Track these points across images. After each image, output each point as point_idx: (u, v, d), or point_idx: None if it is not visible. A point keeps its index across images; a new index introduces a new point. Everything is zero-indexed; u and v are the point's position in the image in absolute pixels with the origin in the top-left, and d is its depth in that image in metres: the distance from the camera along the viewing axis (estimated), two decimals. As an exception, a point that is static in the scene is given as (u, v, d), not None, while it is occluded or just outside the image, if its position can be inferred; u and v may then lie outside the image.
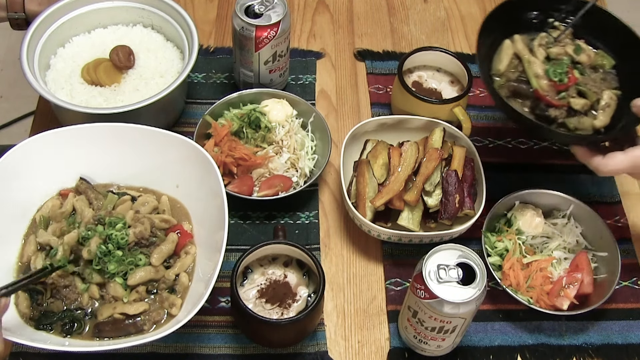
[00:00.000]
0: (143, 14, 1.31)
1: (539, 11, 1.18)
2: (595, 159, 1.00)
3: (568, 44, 1.14)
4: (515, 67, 1.13)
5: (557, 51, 1.13)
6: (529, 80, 1.10)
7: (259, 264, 1.05)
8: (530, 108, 1.10)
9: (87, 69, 1.24)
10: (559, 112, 1.08)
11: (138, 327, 0.98)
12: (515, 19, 1.17)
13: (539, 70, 1.10)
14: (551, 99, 1.08)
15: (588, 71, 1.13)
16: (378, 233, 1.11)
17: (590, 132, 1.08)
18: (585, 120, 1.08)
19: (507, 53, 1.14)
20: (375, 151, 1.17)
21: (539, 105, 1.09)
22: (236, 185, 1.15)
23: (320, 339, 1.07)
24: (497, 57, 1.15)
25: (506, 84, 1.12)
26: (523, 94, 1.10)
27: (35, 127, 1.29)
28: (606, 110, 1.09)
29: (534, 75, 1.10)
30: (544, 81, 1.09)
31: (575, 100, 1.08)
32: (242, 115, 1.22)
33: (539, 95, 1.08)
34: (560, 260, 1.12)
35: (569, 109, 1.08)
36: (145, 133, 1.08)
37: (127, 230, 1.02)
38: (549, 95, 1.08)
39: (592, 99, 1.09)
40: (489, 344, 1.08)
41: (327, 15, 1.52)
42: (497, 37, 1.16)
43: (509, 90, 1.11)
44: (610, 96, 1.09)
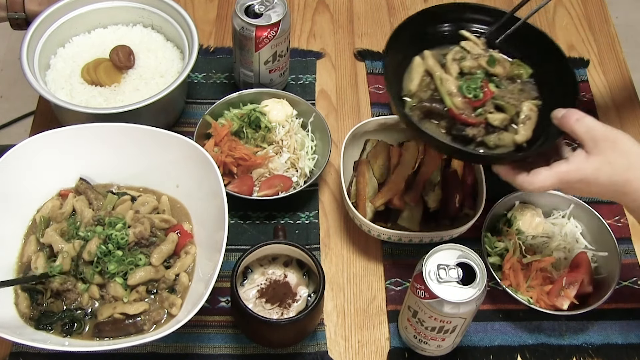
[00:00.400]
0: (143, 14, 1.31)
1: (449, 23, 1.09)
2: (519, 177, 0.93)
3: (482, 55, 1.05)
4: (427, 86, 1.04)
5: (470, 65, 1.04)
6: (443, 99, 1.01)
7: (259, 263, 1.05)
8: (446, 129, 1.00)
9: (87, 69, 1.24)
10: (476, 131, 0.99)
11: (138, 327, 0.98)
12: (424, 33, 1.08)
13: (453, 88, 1.01)
14: (467, 117, 0.99)
15: (505, 83, 1.05)
16: (378, 233, 1.11)
17: (511, 147, 1.00)
18: (505, 136, 0.99)
19: (417, 71, 1.05)
20: (375, 151, 1.17)
21: (455, 125, 0.99)
22: (236, 185, 1.15)
23: (320, 339, 1.07)
24: (408, 76, 1.06)
25: (419, 105, 1.02)
26: (437, 114, 1.01)
27: (35, 127, 1.29)
28: (527, 123, 1.00)
29: (447, 93, 1.01)
30: (459, 99, 1.00)
31: (493, 116, 0.99)
32: (242, 115, 1.22)
33: (453, 114, 0.99)
34: (560, 260, 1.12)
35: (487, 125, 1.00)
36: (145, 133, 1.08)
37: (127, 230, 1.02)
38: (465, 113, 0.99)
39: (511, 112, 1.01)
40: (489, 344, 1.08)
41: (327, 15, 1.52)
42: (407, 55, 1.07)
43: (422, 111, 1.01)
44: (530, 107, 1.01)
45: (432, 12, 1.08)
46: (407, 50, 1.07)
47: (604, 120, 1.35)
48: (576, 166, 0.89)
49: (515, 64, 1.06)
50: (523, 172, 0.92)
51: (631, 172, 0.88)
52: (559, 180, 0.90)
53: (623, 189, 0.89)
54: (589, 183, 0.89)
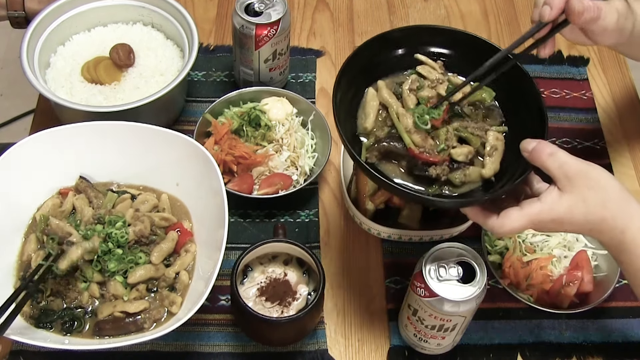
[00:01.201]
0: (143, 12, 1.31)
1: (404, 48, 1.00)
2: (490, 220, 0.85)
3: (440, 81, 0.96)
4: (384, 122, 0.95)
5: (428, 94, 0.94)
6: (401, 137, 0.92)
7: (259, 262, 1.05)
8: (406, 169, 0.92)
9: (87, 67, 1.24)
10: (440, 170, 0.90)
11: (138, 325, 0.98)
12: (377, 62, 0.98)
13: (411, 123, 0.92)
14: (428, 156, 0.90)
15: (467, 110, 0.96)
16: (378, 231, 1.11)
17: (479, 182, 0.92)
18: (471, 170, 0.91)
19: (371, 105, 0.95)
20: (375, 149, 1.17)
21: (416, 165, 0.91)
22: (236, 184, 1.15)
23: (320, 338, 1.07)
24: (362, 111, 0.96)
25: (376, 146, 0.92)
26: (397, 153, 0.92)
27: (35, 125, 1.29)
28: (494, 154, 0.92)
29: (406, 129, 0.92)
30: (418, 135, 0.91)
31: (457, 151, 0.91)
32: (242, 113, 1.22)
33: (413, 153, 0.90)
34: (560, 259, 1.12)
35: (451, 161, 0.91)
36: (145, 131, 1.08)
37: (127, 229, 1.02)
38: (426, 151, 0.90)
39: (476, 143, 0.92)
40: (489, 343, 1.08)
41: (327, 13, 1.52)
42: (360, 87, 0.97)
43: (380, 152, 0.92)
44: (496, 137, 0.92)
45: (385, 38, 0.99)
46: (359, 81, 0.97)
47: (605, 119, 1.36)
48: (549, 206, 0.82)
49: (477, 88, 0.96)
50: (493, 215, 0.85)
51: (607, 210, 0.82)
52: (530, 221, 0.83)
53: (599, 227, 0.83)
54: (562, 222, 0.83)
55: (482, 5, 1.56)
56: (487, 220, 0.85)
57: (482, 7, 1.56)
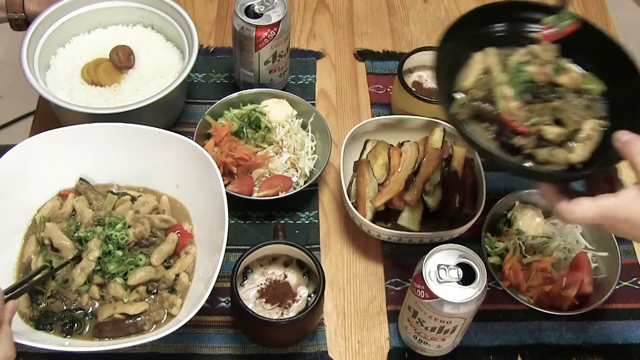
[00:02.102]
0: (143, 14, 1.31)
1: (504, 22, 1.00)
2: (561, 203, 0.83)
3: (549, 62, 0.95)
4: (484, 85, 0.95)
5: (535, 70, 0.93)
6: (496, 102, 0.91)
7: (259, 264, 1.05)
8: (495, 133, 0.92)
9: (87, 69, 1.24)
10: (526, 141, 0.89)
11: (138, 327, 0.98)
12: (478, 33, 0.99)
13: (509, 91, 0.92)
14: (518, 125, 0.89)
15: (570, 96, 0.93)
16: (378, 233, 1.11)
17: (563, 166, 0.89)
18: (558, 152, 0.89)
19: (475, 68, 0.97)
20: (375, 151, 1.17)
21: (504, 131, 0.90)
22: (236, 185, 1.15)
23: (320, 339, 1.07)
24: (463, 72, 0.97)
25: (469, 104, 0.93)
26: (487, 116, 0.92)
27: (35, 127, 1.29)
28: (586, 143, 0.89)
29: (502, 95, 0.91)
30: (514, 103, 0.91)
31: (549, 129, 0.89)
32: (242, 115, 1.22)
33: (503, 119, 0.90)
34: (560, 261, 1.12)
35: (539, 137, 0.90)
36: (145, 133, 1.08)
37: (127, 231, 1.02)
38: (517, 120, 0.90)
39: (571, 127, 0.90)
40: (489, 344, 1.08)
41: (327, 15, 1.52)
42: (461, 52, 0.98)
43: (472, 111, 0.93)
44: (592, 127, 0.90)
45: (487, 10, 0.98)
46: (463, 46, 0.98)
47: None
48: (624, 203, 0.78)
49: (587, 78, 0.95)
50: (565, 199, 0.83)
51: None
52: (602, 214, 0.80)
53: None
54: (633, 226, 0.79)
55: (482, 7, 1.56)
56: (559, 203, 0.83)
57: (482, 8, 1.56)
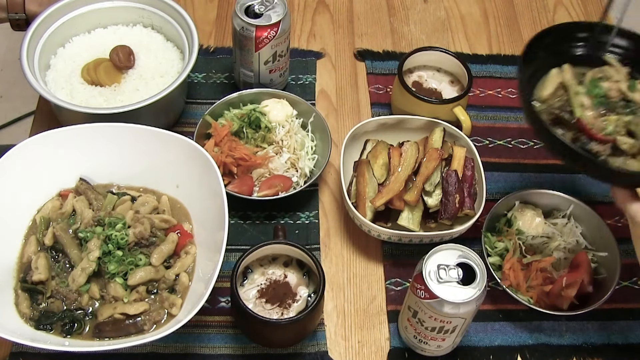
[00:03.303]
0: (143, 14, 1.31)
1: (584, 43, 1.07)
2: (635, 205, 0.90)
3: (622, 81, 1.03)
4: (560, 97, 1.03)
5: (608, 86, 1.02)
6: (573, 110, 1.00)
7: (259, 264, 1.05)
8: (571, 140, 0.99)
9: (87, 69, 1.24)
10: (602, 148, 0.97)
11: (138, 327, 0.98)
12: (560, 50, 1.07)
13: (585, 101, 1.00)
14: (595, 132, 0.97)
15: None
16: (378, 233, 1.11)
17: None
18: (632, 163, 0.96)
19: (552, 81, 1.05)
20: (375, 151, 1.17)
21: (580, 138, 0.98)
22: (236, 185, 1.15)
23: (320, 339, 1.07)
24: (541, 84, 1.06)
25: (547, 110, 1.02)
26: (564, 123, 1.00)
27: (35, 127, 1.29)
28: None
29: (579, 104, 1.00)
30: (590, 113, 0.99)
31: (623, 139, 0.97)
32: (242, 115, 1.22)
33: (581, 125, 0.97)
34: (560, 261, 1.12)
35: (613, 146, 0.97)
36: (145, 133, 1.08)
37: (127, 231, 1.02)
38: (594, 128, 0.97)
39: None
40: (489, 344, 1.08)
41: (327, 15, 1.52)
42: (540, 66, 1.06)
43: (550, 117, 1.01)
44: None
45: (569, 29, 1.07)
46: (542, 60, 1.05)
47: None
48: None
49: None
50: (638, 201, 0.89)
51: None
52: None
53: None
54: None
55: (482, 7, 1.56)
56: (633, 205, 0.90)
57: (482, 8, 1.56)
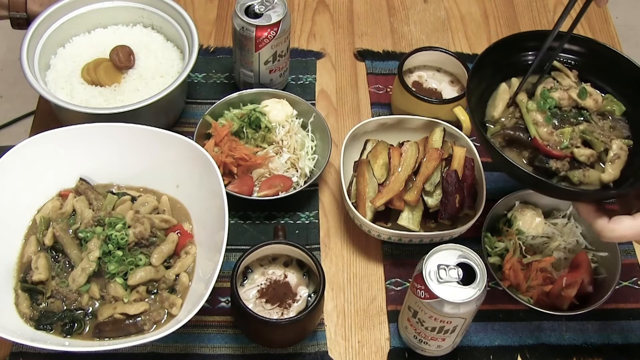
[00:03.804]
0: (143, 14, 1.31)
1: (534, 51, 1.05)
2: (601, 221, 0.88)
3: (572, 87, 1.02)
4: (512, 114, 1.01)
5: (559, 95, 1.00)
6: (527, 128, 0.98)
7: (259, 264, 1.05)
8: (528, 159, 0.98)
9: (87, 69, 1.24)
10: (560, 164, 0.95)
11: (138, 327, 0.98)
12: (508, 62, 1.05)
13: (539, 117, 0.98)
14: (552, 149, 0.95)
15: (595, 118, 1.01)
16: (378, 233, 1.11)
17: (597, 186, 0.96)
18: (591, 173, 0.95)
19: (502, 98, 1.03)
20: (375, 151, 1.17)
21: (537, 156, 0.97)
22: (236, 185, 1.15)
23: (320, 339, 1.07)
24: (492, 102, 1.04)
25: (501, 132, 0.99)
26: (520, 142, 0.98)
27: (35, 127, 1.29)
28: (615, 162, 0.95)
29: (533, 122, 0.98)
30: (544, 129, 0.97)
31: (580, 151, 0.95)
32: (242, 115, 1.22)
33: (537, 144, 0.96)
34: (560, 261, 1.12)
35: (572, 160, 0.96)
36: (145, 133, 1.08)
37: (127, 231, 1.02)
38: (550, 144, 0.96)
39: (599, 148, 0.96)
40: (489, 344, 1.08)
41: (327, 15, 1.52)
42: (490, 82, 1.05)
43: (504, 138, 0.99)
44: (620, 146, 0.96)
45: (516, 40, 1.05)
46: (491, 77, 1.04)
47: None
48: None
49: (608, 100, 1.02)
50: (604, 217, 0.88)
51: None
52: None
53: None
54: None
55: (482, 7, 1.56)
56: (599, 221, 0.88)
57: (482, 8, 1.56)
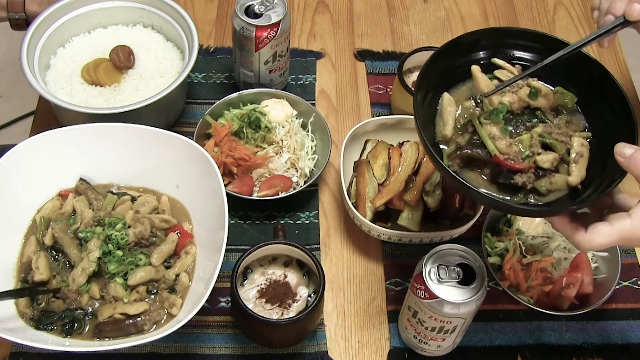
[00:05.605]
0: (143, 14, 1.31)
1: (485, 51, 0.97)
2: (578, 234, 0.82)
3: (520, 86, 0.93)
4: (464, 128, 0.92)
5: (509, 99, 0.91)
6: (485, 144, 0.88)
7: (259, 264, 1.05)
8: (489, 176, 0.89)
9: (87, 69, 1.24)
10: (526, 177, 0.87)
11: (138, 327, 0.98)
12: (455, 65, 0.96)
13: (494, 130, 0.89)
14: (514, 164, 0.87)
15: (549, 116, 0.93)
16: (378, 233, 1.11)
17: (565, 190, 0.88)
18: (557, 178, 0.88)
19: (449, 111, 0.92)
20: (375, 151, 1.17)
21: (501, 173, 0.88)
22: (236, 186, 1.15)
23: (320, 339, 1.07)
24: (440, 118, 0.93)
25: (458, 154, 0.89)
26: (479, 160, 0.89)
27: (35, 127, 1.29)
28: (579, 161, 0.88)
29: (489, 136, 0.88)
30: (502, 142, 0.88)
31: (542, 157, 0.88)
32: (242, 115, 1.22)
33: (498, 160, 0.87)
34: (560, 261, 1.12)
35: (536, 169, 0.88)
36: (145, 133, 1.08)
37: (127, 231, 1.02)
38: (511, 157, 0.87)
39: (561, 150, 0.89)
40: (489, 344, 1.08)
41: (327, 15, 1.52)
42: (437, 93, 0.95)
43: (462, 159, 0.89)
44: (581, 143, 0.90)
45: (464, 42, 0.96)
46: (438, 87, 0.94)
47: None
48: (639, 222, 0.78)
49: (559, 92, 0.94)
50: (581, 229, 0.81)
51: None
52: (620, 238, 0.79)
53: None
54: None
55: (482, 7, 1.56)
56: (575, 234, 0.82)
57: (482, 8, 1.56)
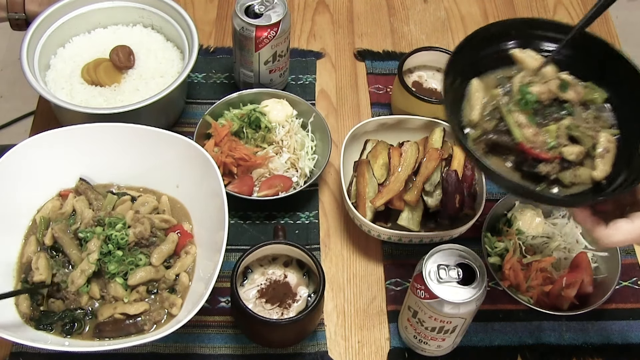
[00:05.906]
0: (143, 14, 1.31)
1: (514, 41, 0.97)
2: (599, 228, 0.83)
3: (551, 78, 0.93)
4: (492, 114, 0.92)
5: (539, 90, 0.91)
6: (511, 131, 0.89)
7: (259, 264, 1.05)
8: (514, 163, 0.90)
9: (87, 69, 1.24)
10: (551, 167, 0.87)
11: (138, 327, 0.98)
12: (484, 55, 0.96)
13: (522, 118, 0.89)
14: (540, 152, 0.87)
15: (578, 110, 0.92)
16: (378, 233, 1.11)
17: (589, 184, 0.89)
18: (582, 171, 0.88)
19: (477, 97, 0.93)
20: (375, 151, 1.17)
21: (526, 161, 0.88)
22: (236, 186, 1.15)
23: (320, 339, 1.07)
24: (467, 103, 0.93)
25: (483, 138, 0.90)
26: (504, 147, 0.89)
27: (35, 127, 1.29)
28: (605, 156, 0.88)
29: (516, 123, 0.89)
30: (529, 130, 0.88)
31: (569, 149, 0.87)
32: (242, 115, 1.22)
33: (524, 148, 0.87)
34: (560, 261, 1.12)
35: (561, 160, 0.88)
36: (145, 133, 1.08)
37: (127, 231, 1.02)
38: (537, 146, 0.87)
39: (588, 144, 0.89)
40: (489, 344, 1.08)
41: (327, 15, 1.52)
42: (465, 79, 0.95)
43: (487, 144, 0.90)
44: (608, 139, 0.89)
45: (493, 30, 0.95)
46: (466, 73, 0.94)
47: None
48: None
49: (589, 88, 0.93)
50: (602, 223, 0.83)
51: None
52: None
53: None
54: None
55: (482, 7, 1.56)
56: (596, 228, 0.84)
57: (482, 9, 1.56)
